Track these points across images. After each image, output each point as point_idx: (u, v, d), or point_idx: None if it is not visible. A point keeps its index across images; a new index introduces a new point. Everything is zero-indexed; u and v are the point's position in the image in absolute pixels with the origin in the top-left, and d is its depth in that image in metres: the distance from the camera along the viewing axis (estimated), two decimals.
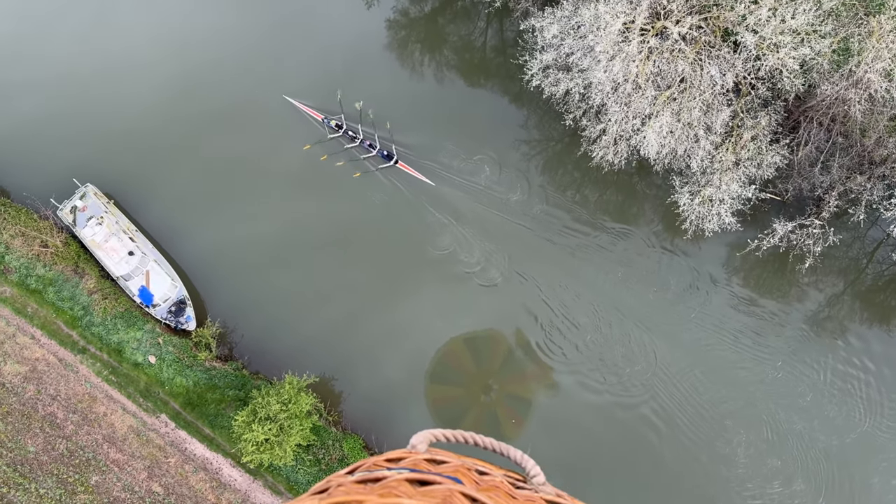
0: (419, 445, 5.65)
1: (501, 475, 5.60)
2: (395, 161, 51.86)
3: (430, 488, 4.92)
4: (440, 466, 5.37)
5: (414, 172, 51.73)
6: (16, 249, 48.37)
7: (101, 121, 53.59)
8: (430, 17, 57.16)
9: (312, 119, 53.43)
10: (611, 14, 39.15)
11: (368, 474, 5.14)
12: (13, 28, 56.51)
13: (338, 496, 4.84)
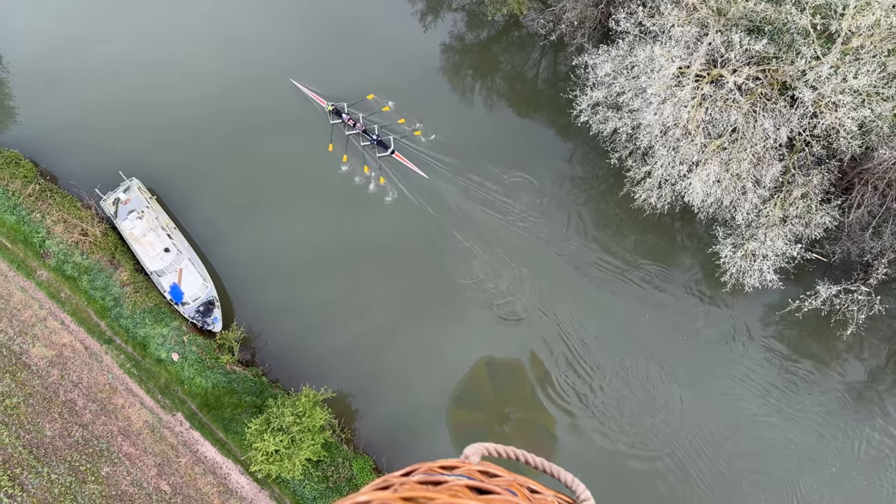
0: (472, 457, 5.71)
1: (552, 496, 5.64)
2: (392, 151, 52.45)
3: (490, 497, 5.01)
4: (494, 479, 5.41)
5: (409, 164, 52.45)
6: (56, 235, 49.31)
7: (151, 116, 54.50)
8: (485, 44, 57.19)
9: (316, 104, 54.38)
10: (666, 57, 38.50)
11: (427, 477, 5.20)
12: (70, 19, 58.06)
13: (406, 491, 4.90)
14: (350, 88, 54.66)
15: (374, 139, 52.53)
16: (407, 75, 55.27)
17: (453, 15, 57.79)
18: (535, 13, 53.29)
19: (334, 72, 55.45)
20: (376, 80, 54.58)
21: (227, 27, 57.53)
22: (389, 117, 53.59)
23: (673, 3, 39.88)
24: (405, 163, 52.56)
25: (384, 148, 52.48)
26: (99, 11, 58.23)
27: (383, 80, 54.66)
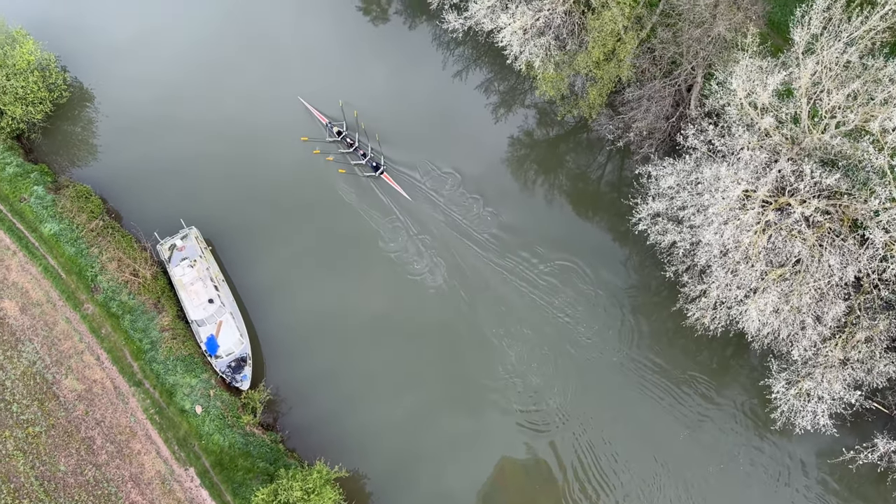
0: None
1: None
2: (381, 172, 55.15)
3: None
4: None
5: (395, 186, 54.91)
6: (109, 272, 50.48)
7: (222, 171, 56.34)
8: (553, 142, 57.47)
9: (318, 122, 57.73)
10: (732, 179, 37.57)
11: None
12: (159, 74, 61.27)
13: None
14: (423, 158, 55.75)
15: (370, 162, 55.52)
16: (478, 161, 55.88)
17: (525, 111, 58.55)
18: (605, 119, 53.40)
19: (416, 141, 56.91)
20: (446, 153, 56.01)
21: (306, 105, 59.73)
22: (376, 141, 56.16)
23: (745, 127, 39.22)
24: (392, 184, 54.83)
25: (375, 169, 55.29)
26: (187, 69, 61.37)
27: (456, 155, 55.73)
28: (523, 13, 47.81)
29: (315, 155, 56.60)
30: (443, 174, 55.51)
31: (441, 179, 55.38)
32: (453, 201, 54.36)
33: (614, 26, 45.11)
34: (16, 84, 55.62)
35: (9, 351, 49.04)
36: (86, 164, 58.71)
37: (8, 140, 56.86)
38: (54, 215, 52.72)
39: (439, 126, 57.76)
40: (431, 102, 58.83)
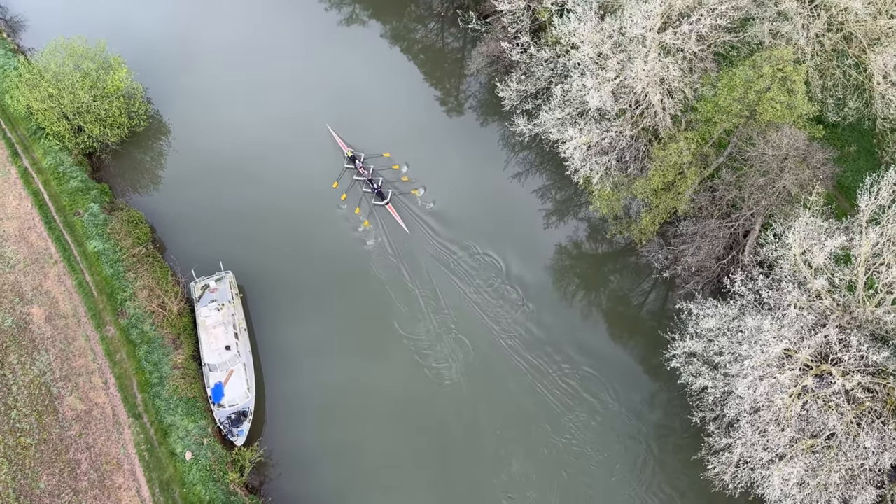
0: None
1: None
2: (387, 202, 58.20)
3: None
4: None
5: (397, 217, 57.78)
6: (138, 299, 50.96)
7: (271, 222, 57.19)
8: (599, 259, 56.81)
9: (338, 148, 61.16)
10: (775, 334, 36.00)
11: None
12: (238, 120, 63.60)
13: None
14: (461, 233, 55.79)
15: (377, 191, 58.46)
16: (522, 257, 55.53)
17: (577, 222, 58.34)
18: (655, 247, 52.64)
19: (465, 221, 57.24)
20: (492, 241, 56.10)
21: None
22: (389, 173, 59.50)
23: (796, 284, 37.92)
24: (394, 215, 57.79)
25: (381, 198, 58.33)
26: (263, 126, 63.57)
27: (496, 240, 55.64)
28: (591, 130, 48.25)
29: (352, 227, 57.11)
30: (484, 258, 55.50)
31: (481, 263, 55.35)
32: (490, 286, 54.07)
33: (678, 159, 45.01)
34: (100, 106, 58.38)
35: (24, 357, 49.34)
36: (145, 191, 60.55)
37: (80, 155, 59.22)
38: (102, 234, 54.00)
39: (491, 216, 57.91)
40: (487, 193, 59.26)
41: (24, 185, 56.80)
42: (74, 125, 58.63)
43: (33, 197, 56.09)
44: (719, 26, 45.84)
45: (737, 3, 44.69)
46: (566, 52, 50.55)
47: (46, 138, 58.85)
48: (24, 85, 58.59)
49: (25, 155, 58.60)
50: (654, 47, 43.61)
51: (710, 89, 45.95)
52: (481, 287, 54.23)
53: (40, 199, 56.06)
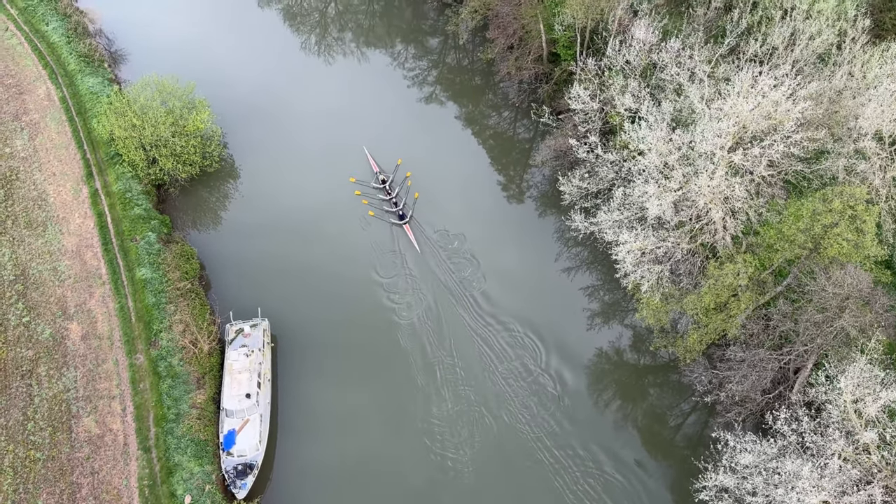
0: None
1: None
2: (405, 222, 61.52)
3: None
4: None
5: (411, 236, 60.76)
6: (173, 332, 51.40)
7: (315, 284, 57.44)
8: (639, 371, 54.72)
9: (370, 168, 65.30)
10: (814, 484, 33.41)
11: None
12: (303, 181, 65.21)
13: None
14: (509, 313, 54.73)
15: (398, 211, 62.22)
16: (557, 352, 54.10)
17: (621, 328, 56.69)
18: (700, 367, 50.45)
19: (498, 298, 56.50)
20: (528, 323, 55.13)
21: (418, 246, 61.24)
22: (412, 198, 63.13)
23: (844, 433, 35.40)
24: (409, 234, 60.79)
25: (401, 219, 61.84)
26: (330, 187, 65.06)
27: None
28: (647, 237, 47.40)
29: (388, 295, 56.88)
30: (523, 339, 54.62)
31: (520, 342, 54.47)
32: (525, 368, 53.08)
33: (734, 281, 43.52)
34: (177, 142, 60.87)
35: (53, 370, 49.97)
36: (203, 229, 62.08)
37: (149, 185, 61.44)
38: (153, 263, 55.22)
39: (535, 303, 56.97)
40: (535, 281, 58.55)
41: (92, 206, 58.99)
42: (150, 156, 61.12)
43: (97, 217, 58.09)
44: (792, 154, 45.06)
45: (813, 134, 43.97)
46: (632, 157, 50.42)
47: (121, 164, 61.43)
48: (111, 112, 61.75)
49: (99, 177, 61.14)
50: (723, 165, 43.02)
51: (775, 215, 44.81)
52: (515, 368, 53.08)
53: (103, 221, 58.01)
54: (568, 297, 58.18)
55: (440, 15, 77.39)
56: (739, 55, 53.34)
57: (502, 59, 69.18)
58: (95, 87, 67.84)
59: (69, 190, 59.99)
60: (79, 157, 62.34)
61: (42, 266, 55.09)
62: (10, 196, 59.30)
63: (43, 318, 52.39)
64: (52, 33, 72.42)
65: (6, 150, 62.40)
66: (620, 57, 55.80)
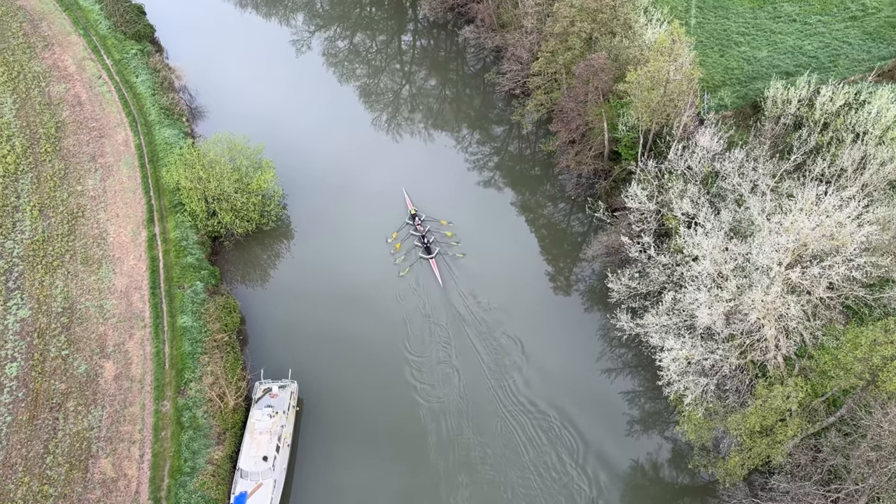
0: None
1: None
2: (431, 257, 63.78)
3: None
4: None
5: (436, 271, 62.67)
6: (203, 384, 51.30)
7: (352, 356, 56.90)
8: (677, 491, 51.54)
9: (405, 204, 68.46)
10: None
11: None
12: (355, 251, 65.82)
13: None
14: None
15: (425, 245, 64.69)
16: (594, 458, 51.69)
17: (660, 439, 53.81)
18: (741, 494, 47.09)
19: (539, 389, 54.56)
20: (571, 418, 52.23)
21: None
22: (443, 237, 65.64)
23: None
24: (433, 268, 62.68)
25: (428, 253, 63.99)
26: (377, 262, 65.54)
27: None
28: (694, 346, 45.53)
29: (418, 381, 55.75)
30: (561, 431, 52.90)
31: (556, 434, 52.78)
32: (561, 462, 51.24)
33: (783, 405, 41.03)
34: (239, 198, 62.60)
35: (81, 406, 50.21)
36: (250, 284, 62.86)
37: (205, 236, 62.95)
38: (195, 312, 55.84)
39: (575, 400, 55.11)
40: (575, 379, 56.61)
41: (147, 249, 60.62)
42: (210, 209, 62.90)
43: (150, 261, 59.56)
44: (853, 279, 43.11)
45: (877, 260, 42.11)
46: (686, 262, 49.18)
47: (182, 213, 63.31)
48: (181, 163, 64.23)
49: (159, 223, 63.05)
50: (779, 281, 41.37)
51: (832, 340, 42.52)
52: (550, 459, 51.05)
53: (155, 265, 59.39)
54: (608, 398, 55.99)
55: (507, 105, 78.98)
56: (805, 172, 52.27)
57: (563, 152, 69.69)
58: (171, 139, 70.96)
59: (129, 232, 61.93)
60: (143, 202, 64.61)
61: (90, 302, 56.36)
62: (73, 231, 61.55)
63: (81, 353, 53.13)
64: (139, 85, 76.72)
65: (78, 188, 65.30)
66: (682, 161, 55.41)
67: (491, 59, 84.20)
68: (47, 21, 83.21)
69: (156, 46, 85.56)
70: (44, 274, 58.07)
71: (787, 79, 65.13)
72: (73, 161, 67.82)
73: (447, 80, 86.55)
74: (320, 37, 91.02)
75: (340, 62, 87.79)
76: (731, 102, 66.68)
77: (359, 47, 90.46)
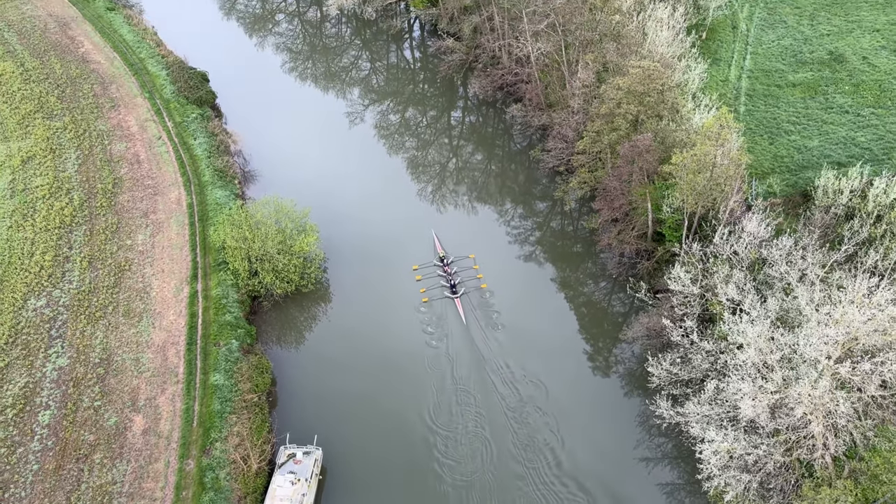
0: None
1: None
2: (457, 296, 65.57)
3: None
4: None
5: (460, 310, 64.25)
6: (228, 444, 50.76)
7: (381, 430, 55.91)
8: None
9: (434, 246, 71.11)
10: None
11: None
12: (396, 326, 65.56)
13: None
14: None
15: (451, 285, 66.56)
16: None
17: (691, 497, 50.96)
18: None
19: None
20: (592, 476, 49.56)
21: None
22: None
23: None
24: (458, 308, 64.28)
25: (454, 293, 65.76)
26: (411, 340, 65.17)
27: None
28: (737, 439, 43.34)
29: (444, 457, 54.20)
30: None
31: None
32: None
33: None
34: (281, 259, 63.46)
35: (107, 459, 50.05)
36: (284, 346, 62.90)
37: (245, 295, 63.64)
38: (228, 371, 55.89)
39: (607, 490, 52.44)
40: (609, 463, 54.27)
41: (188, 305, 61.46)
42: (253, 268, 63.80)
43: (189, 317, 60.26)
44: None
45: None
46: (730, 350, 47.45)
47: (225, 272, 64.34)
48: (228, 223, 65.73)
49: (202, 280, 64.12)
50: (827, 375, 39.41)
51: (884, 442, 39.95)
52: None
53: (194, 321, 60.04)
54: (644, 488, 53.39)
55: (551, 181, 79.29)
56: (857, 264, 50.56)
57: (605, 230, 69.15)
58: (221, 199, 72.94)
59: (172, 288, 63.05)
60: (189, 260, 65.97)
61: (127, 355, 56.99)
62: (119, 284, 62.97)
63: (113, 405, 53.37)
64: (196, 147, 79.68)
65: (127, 242, 67.19)
66: (728, 246, 54.29)
67: (537, 136, 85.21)
68: (117, 84, 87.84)
69: (215, 111, 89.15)
70: (86, 324, 59.19)
71: (838, 169, 64.05)
72: (125, 216, 70.07)
73: (493, 155, 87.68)
74: (374, 110, 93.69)
75: (391, 135, 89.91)
76: (779, 190, 65.70)
77: (409, 121, 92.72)
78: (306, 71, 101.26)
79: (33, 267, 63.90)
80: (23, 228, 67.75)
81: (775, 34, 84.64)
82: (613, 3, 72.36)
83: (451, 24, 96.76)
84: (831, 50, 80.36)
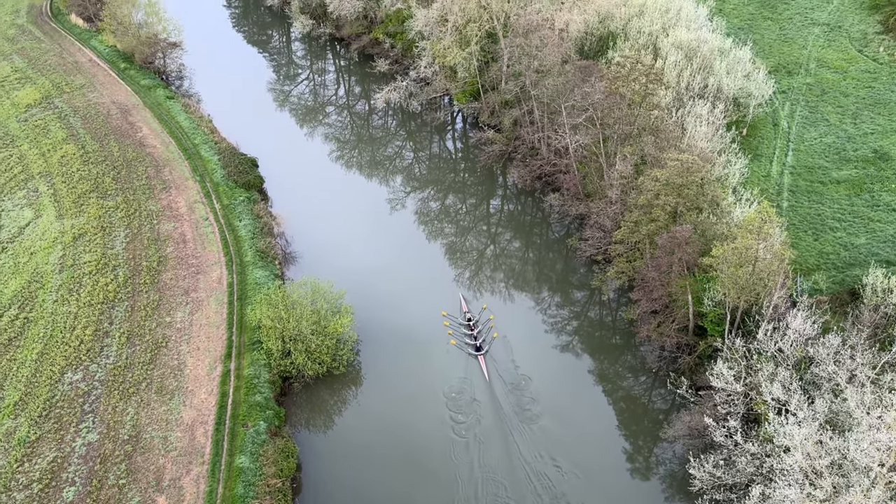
0: None
1: None
2: (481, 353, 67.50)
3: None
4: None
5: (484, 368, 65.81)
6: None
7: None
8: None
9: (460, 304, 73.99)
10: None
11: None
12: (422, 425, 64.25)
13: None
14: None
15: (475, 343, 68.92)
16: None
17: None
18: None
19: None
20: None
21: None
22: None
23: None
24: (482, 365, 66.03)
25: (478, 351, 67.83)
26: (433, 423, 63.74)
27: None
28: None
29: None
30: None
31: None
32: None
33: None
34: (314, 340, 63.39)
35: None
36: (312, 430, 61.87)
37: (276, 376, 63.38)
38: (254, 453, 55.01)
39: None
40: None
41: (220, 385, 61.38)
42: (286, 349, 63.78)
43: (220, 397, 60.05)
44: None
45: None
46: (776, 453, 44.89)
47: (258, 351, 64.43)
48: (266, 303, 66.35)
49: (235, 360, 64.24)
50: (881, 484, 36.74)
51: None
52: None
53: (224, 401, 59.75)
54: None
55: (588, 270, 78.57)
56: None
57: (644, 321, 67.58)
58: (261, 279, 73.97)
59: (205, 366, 63.23)
60: (225, 338, 66.40)
61: (156, 433, 56.68)
62: (154, 360, 63.46)
63: (137, 484, 52.67)
64: (241, 228, 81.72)
65: (167, 319, 68.15)
66: (772, 343, 52.38)
67: (574, 225, 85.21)
68: (170, 167, 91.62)
69: (262, 195, 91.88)
70: (119, 399, 59.39)
71: (887, 267, 62.15)
72: (167, 293, 71.40)
73: (531, 242, 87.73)
74: (415, 197, 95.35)
75: (431, 220, 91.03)
76: (826, 287, 63.81)
77: (449, 208, 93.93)
78: (352, 159, 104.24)
79: (73, 341, 65.04)
80: (68, 303, 69.48)
81: (817, 132, 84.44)
82: (652, 99, 73.49)
83: (492, 117, 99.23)
84: (876, 148, 79.63)
